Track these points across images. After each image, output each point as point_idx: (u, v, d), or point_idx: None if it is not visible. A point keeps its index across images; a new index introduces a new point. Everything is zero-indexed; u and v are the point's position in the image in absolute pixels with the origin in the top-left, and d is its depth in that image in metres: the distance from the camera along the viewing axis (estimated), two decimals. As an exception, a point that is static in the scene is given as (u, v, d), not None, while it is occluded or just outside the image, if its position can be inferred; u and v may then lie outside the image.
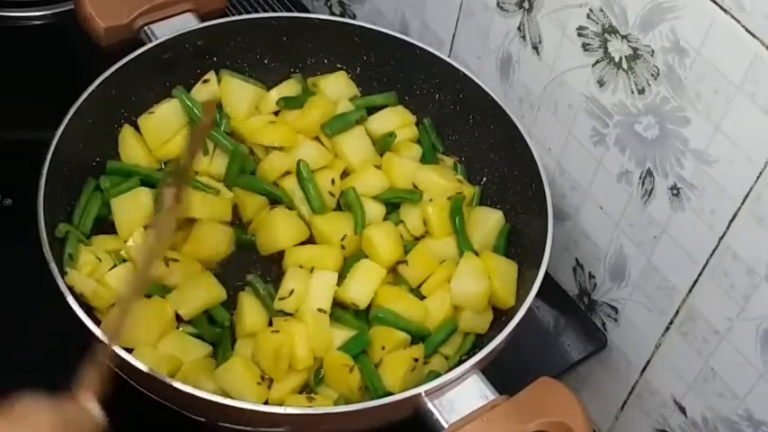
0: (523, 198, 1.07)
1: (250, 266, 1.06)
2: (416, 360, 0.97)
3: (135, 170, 1.08)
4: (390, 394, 0.92)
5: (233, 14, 1.29)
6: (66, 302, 0.91)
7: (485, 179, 1.15)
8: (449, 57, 1.15)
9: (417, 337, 1.01)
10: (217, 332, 1.00)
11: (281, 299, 1.00)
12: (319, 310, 1.00)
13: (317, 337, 0.97)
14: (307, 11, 1.42)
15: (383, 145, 1.14)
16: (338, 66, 1.20)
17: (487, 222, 1.09)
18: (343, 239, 1.05)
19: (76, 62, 1.29)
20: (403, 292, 1.04)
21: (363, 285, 1.02)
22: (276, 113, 1.16)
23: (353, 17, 1.36)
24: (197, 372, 0.95)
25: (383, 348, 0.98)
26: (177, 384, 0.87)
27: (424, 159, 1.15)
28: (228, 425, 0.90)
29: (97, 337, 0.86)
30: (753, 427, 0.98)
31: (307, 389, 0.98)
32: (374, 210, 1.09)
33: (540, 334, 1.12)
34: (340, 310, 1.02)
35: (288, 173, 1.11)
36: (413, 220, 1.08)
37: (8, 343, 1.03)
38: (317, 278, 1.02)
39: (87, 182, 1.07)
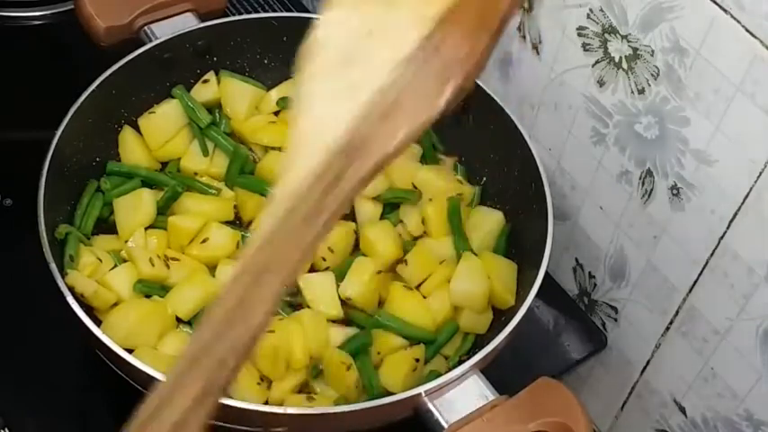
0: (523, 198, 1.07)
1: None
2: (417, 360, 0.97)
3: (135, 171, 1.08)
4: (390, 394, 0.92)
5: (233, 14, 1.29)
6: (67, 303, 0.91)
7: (485, 179, 1.15)
8: (449, 57, 1.15)
9: (418, 341, 1.01)
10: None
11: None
12: (328, 314, 1.00)
13: (314, 336, 0.97)
14: (307, 11, 1.42)
15: (383, 145, 1.14)
16: (338, 66, 1.20)
17: (487, 223, 1.08)
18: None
19: (76, 62, 1.29)
20: (413, 294, 1.03)
21: (354, 280, 1.01)
22: (276, 113, 1.16)
23: (353, 17, 1.35)
24: (197, 372, 0.94)
25: (378, 353, 0.98)
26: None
27: (424, 159, 1.15)
28: (228, 425, 0.90)
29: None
30: (753, 427, 0.98)
31: (306, 388, 0.98)
32: (370, 209, 1.09)
33: (540, 334, 1.12)
34: (350, 308, 1.02)
35: (287, 172, 1.11)
36: (412, 221, 1.08)
37: (8, 343, 1.03)
38: (317, 280, 1.02)
39: (89, 183, 1.07)
